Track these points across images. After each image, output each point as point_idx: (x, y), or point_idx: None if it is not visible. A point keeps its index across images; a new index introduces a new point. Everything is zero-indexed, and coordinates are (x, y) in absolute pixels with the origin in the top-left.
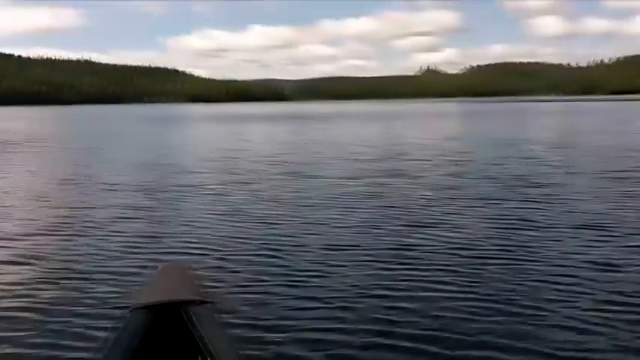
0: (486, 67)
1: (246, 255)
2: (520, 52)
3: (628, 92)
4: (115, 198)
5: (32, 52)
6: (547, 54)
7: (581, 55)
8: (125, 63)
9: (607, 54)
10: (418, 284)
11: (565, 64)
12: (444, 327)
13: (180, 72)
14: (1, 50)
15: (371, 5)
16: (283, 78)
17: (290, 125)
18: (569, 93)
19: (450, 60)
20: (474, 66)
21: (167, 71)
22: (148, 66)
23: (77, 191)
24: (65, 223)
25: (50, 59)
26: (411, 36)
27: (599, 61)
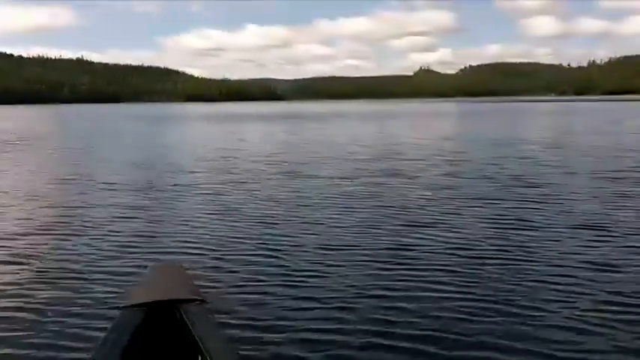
0: (482, 67)
1: (242, 255)
2: (515, 52)
3: (623, 92)
4: (112, 197)
5: (29, 51)
6: (542, 54)
7: (576, 55)
8: (122, 62)
9: (602, 54)
10: (416, 284)
11: (560, 64)
12: (442, 327)
13: (176, 71)
14: None
15: (367, 5)
16: (279, 77)
17: (286, 125)
18: (564, 93)
19: (446, 60)
20: (470, 66)
21: (163, 70)
22: (145, 65)
23: (73, 190)
24: (61, 223)
25: (47, 58)
26: (407, 36)
27: (593, 62)
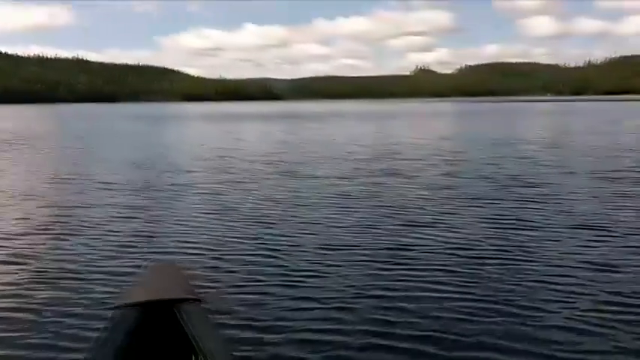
0: (480, 67)
1: (240, 254)
2: (513, 52)
3: (620, 92)
4: (109, 197)
5: (27, 51)
6: (540, 54)
7: (573, 55)
8: (120, 62)
9: (599, 54)
10: (415, 284)
11: (558, 64)
12: (442, 327)
13: (174, 71)
14: None
15: (365, 5)
16: (277, 77)
17: (284, 124)
18: (561, 93)
19: (444, 60)
20: (468, 66)
21: (161, 70)
22: (143, 65)
23: (71, 190)
24: (59, 223)
25: (45, 58)
26: (405, 36)
27: (591, 62)
